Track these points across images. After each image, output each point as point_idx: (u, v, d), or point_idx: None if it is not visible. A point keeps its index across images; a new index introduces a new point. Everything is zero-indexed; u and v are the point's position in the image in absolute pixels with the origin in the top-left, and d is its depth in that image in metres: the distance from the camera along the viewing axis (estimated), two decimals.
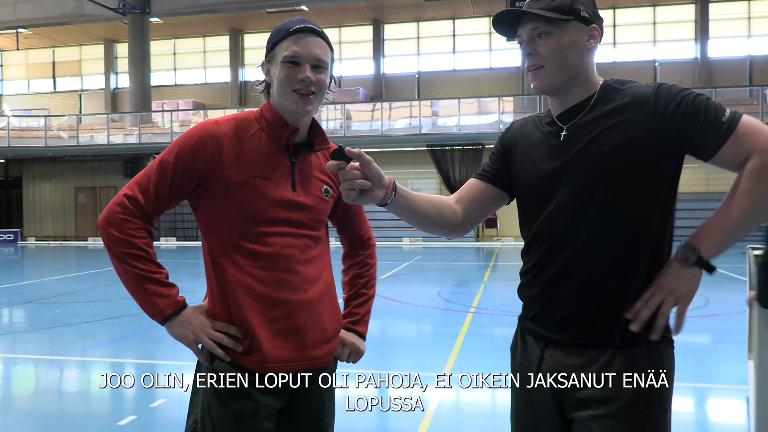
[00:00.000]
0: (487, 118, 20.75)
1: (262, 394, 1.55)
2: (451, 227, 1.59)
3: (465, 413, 4.03)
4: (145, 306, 1.54)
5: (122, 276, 1.54)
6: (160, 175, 1.55)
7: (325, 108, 22.04)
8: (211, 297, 1.60)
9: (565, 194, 1.42)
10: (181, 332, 1.55)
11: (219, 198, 1.56)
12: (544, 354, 1.47)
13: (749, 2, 22.75)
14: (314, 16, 24.44)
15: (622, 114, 1.39)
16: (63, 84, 28.52)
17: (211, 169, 1.55)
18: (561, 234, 1.43)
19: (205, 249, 1.62)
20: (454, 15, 24.66)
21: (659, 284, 1.37)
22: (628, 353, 1.38)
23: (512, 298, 1.55)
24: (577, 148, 1.42)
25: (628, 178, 1.37)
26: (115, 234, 1.51)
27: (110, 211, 1.54)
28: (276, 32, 1.60)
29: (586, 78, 1.45)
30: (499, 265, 14.31)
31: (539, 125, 1.54)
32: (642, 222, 1.39)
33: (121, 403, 4.55)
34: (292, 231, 1.59)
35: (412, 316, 7.80)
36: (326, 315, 1.65)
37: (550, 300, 1.46)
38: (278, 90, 1.58)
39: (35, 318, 7.92)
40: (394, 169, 22.70)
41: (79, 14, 23.32)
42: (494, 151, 1.65)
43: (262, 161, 1.58)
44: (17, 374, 5.44)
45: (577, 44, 1.42)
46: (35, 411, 4.37)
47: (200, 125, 1.58)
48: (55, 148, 23.03)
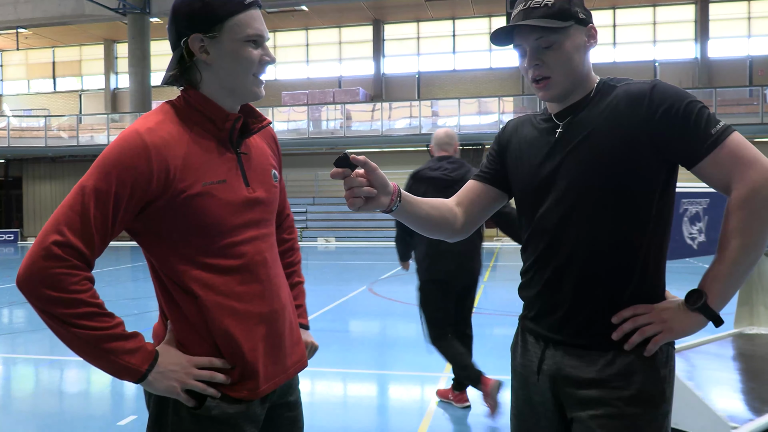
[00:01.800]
0: (487, 118, 20.76)
1: (249, 423, 1.38)
2: (454, 230, 1.58)
3: (465, 414, 4.03)
4: (114, 369, 1.25)
5: (74, 342, 1.23)
6: (100, 209, 1.22)
7: (325, 108, 22.06)
8: (181, 327, 1.35)
9: (558, 193, 1.41)
10: (166, 385, 1.29)
11: (174, 217, 1.29)
12: (545, 354, 1.46)
13: (749, 2, 22.75)
14: (314, 16, 24.46)
15: (614, 112, 1.37)
16: (63, 84, 28.51)
17: (161, 186, 1.26)
18: (555, 233, 1.42)
19: (162, 276, 1.35)
20: (454, 15, 24.66)
21: (658, 309, 1.35)
22: (629, 354, 1.36)
23: (512, 298, 1.55)
24: (570, 146, 1.40)
25: (620, 178, 1.35)
26: (54, 295, 1.19)
27: (37, 266, 1.20)
28: (220, 2, 1.30)
29: (584, 77, 1.44)
30: (499, 265, 14.31)
31: (535, 123, 1.52)
32: (636, 223, 1.36)
33: (121, 403, 4.55)
34: (258, 233, 1.40)
35: (412, 316, 7.79)
36: (294, 315, 1.52)
37: (549, 300, 1.45)
38: (235, 73, 1.34)
39: (35, 318, 7.90)
40: (394, 169, 22.67)
41: (79, 14, 23.30)
42: (491, 150, 1.63)
43: (210, 163, 1.33)
44: (17, 374, 5.44)
45: (580, 47, 1.41)
46: (35, 411, 4.37)
47: (132, 136, 1.26)
48: (55, 148, 23.05)
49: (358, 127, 21.71)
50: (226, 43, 1.32)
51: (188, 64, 1.35)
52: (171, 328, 1.36)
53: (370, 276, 11.89)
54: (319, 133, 21.91)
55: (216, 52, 1.33)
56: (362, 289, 10.03)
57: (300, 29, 25.93)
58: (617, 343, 1.37)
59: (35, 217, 25.16)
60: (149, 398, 1.37)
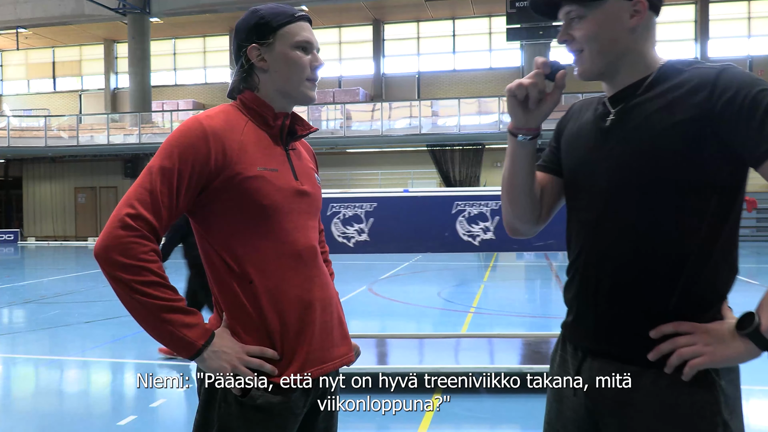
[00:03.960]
0: (487, 118, 20.74)
1: (291, 415, 1.42)
2: (534, 218, 1.44)
3: (465, 413, 4.03)
4: (172, 341, 1.32)
5: (137, 310, 1.31)
6: (166, 185, 1.34)
7: (325, 108, 22.05)
8: (234, 315, 1.41)
9: (602, 186, 1.28)
10: (217, 365, 1.34)
11: (233, 197, 1.39)
12: (583, 366, 1.32)
13: (749, 2, 22.76)
14: (314, 16, 24.44)
15: (675, 99, 1.21)
16: (63, 84, 28.50)
17: (219, 167, 1.38)
18: (595, 229, 1.29)
19: (217, 262, 1.42)
20: (454, 15, 24.65)
21: (704, 329, 1.18)
22: (673, 375, 1.19)
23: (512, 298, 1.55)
24: (620, 135, 1.27)
25: (672, 173, 1.20)
26: (124, 261, 1.29)
27: (112, 235, 1.30)
28: (275, 15, 1.48)
29: (637, 58, 1.28)
30: (499, 265, 14.31)
31: (595, 107, 1.37)
32: (684, 228, 1.21)
33: (121, 403, 4.55)
34: (308, 223, 1.49)
35: (412, 316, 7.80)
36: (341, 309, 1.58)
37: (586, 304, 1.32)
38: (287, 76, 1.47)
39: (35, 318, 7.92)
40: (394, 169, 22.71)
41: (79, 14, 23.30)
42: (552, 138, 1.49)
43: (264, 153, 1.45)
44: (17, 374, 5.44)
45: (617, 23, 1.26)
46: (35, 411, 4.37)
47: (193, 122, 1.41)
48: (55, 148, 23.03)
49: (358, 127, 21.70)
50: (279, 49, 1.47)
51: (247, 71, 1.49)
52: (225, 318, 1.43)
53: (370, 276, 11.89)
54: (319, 133, 21.88)
55: (271, 57, 1.48)
56: (362, 289, 10.03)
57: None
58: (660, 362, 1.21)
59: (35, 217, 25.16)
60: (200, 385, 1.42)
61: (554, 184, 1.45)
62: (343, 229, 4.15)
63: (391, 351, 4.96)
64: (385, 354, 4.88)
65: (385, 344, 5.08)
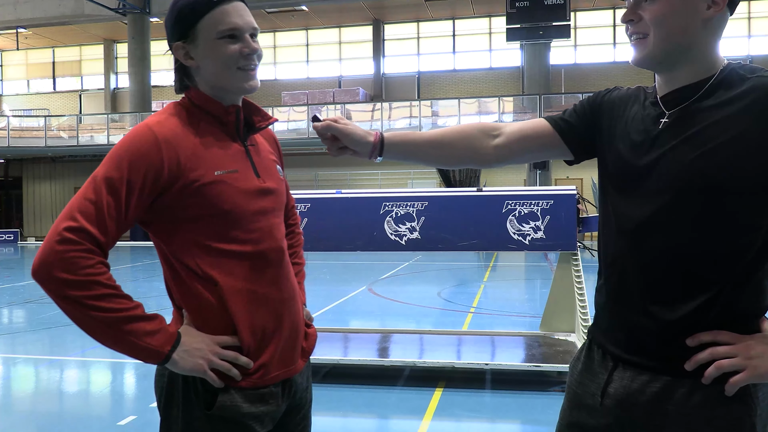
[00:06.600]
0: (487, 118, 20.73)
1: (259, 424, 1.36)
2: (481, 158, 1.44)
3: (464, 415, 4.03)
4: (136, 351, 1.24)
5: (94, 327, 1.22)
6: (113, 195, 1.23)
7: (325, 108, 22.05)
8: (198, 317, 1.34)
9: (650, 192, 1.20)
10: (191, 363, 1.27)
11: (191, 205, 1.31)
12: (613, 375, 1.25)
13: (749, 2, 22.75)
14: (314, 16, 24.45)
15: (737, 109, 1.13)
16: (63, 84, 28.50)
17: (174, 175, 1.29)
18: (636, 236, 1.22)
19: (177, 267, 1.35)
20: (454, 15, 24.66)
21: (745, 344, 1.13)
22: (709, 386, 1.14)
23: (512, 298, 1.55)
24: (674, 141, 1.17)
25: (728, 187, 1.13)
26: (70, 278, 1.18)
27: (52, 251, 1.18)
28: (191, 5, 1.34)
29: (700, 55, 1.19)
30: (499, 265, 14.31)
31: (643, 103, 1.28)
32: (736, 247, 1.14)
33: (121, 403, 4.55)
34: (272, 221, 1.42)
35: (412, 316, 7.79)
36: (301, 301, 1.52)
37: (620, 310, 1.25)
38: (217, 70, 1.35)
39: (35, 318, 7.92)
40: (393, 169, 22.71)
41: (79, 14, 23.29)
42: (583, 104, 1.40)
43: (221, 154, 1.36)
44: (17, 374, 5.44)
45: (691, 11, 1.15)
46: (35, 411, 4.37)
47: (143, 129, 1.30)
48: (55, 148, 23.04)
49: None
50: (203, 45, 1.35)
51: (179, 70, 1.41)
52: (187, 317, 1.35)
53: (370, 276, 11.89)
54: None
55: (197, 54, 1.37)
56: (362, 289, 10.03)
57: (300, 29, 25.92)
58: (696, 372, 1.15)
59: (35, 217, 25.17)
60: (160, 395, 1.36)
61: (552, 140, 1.41)
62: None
63: (392, 346, 4.97)
64: (387, 348, 4.90)
65: (389, 339, 5.10)
